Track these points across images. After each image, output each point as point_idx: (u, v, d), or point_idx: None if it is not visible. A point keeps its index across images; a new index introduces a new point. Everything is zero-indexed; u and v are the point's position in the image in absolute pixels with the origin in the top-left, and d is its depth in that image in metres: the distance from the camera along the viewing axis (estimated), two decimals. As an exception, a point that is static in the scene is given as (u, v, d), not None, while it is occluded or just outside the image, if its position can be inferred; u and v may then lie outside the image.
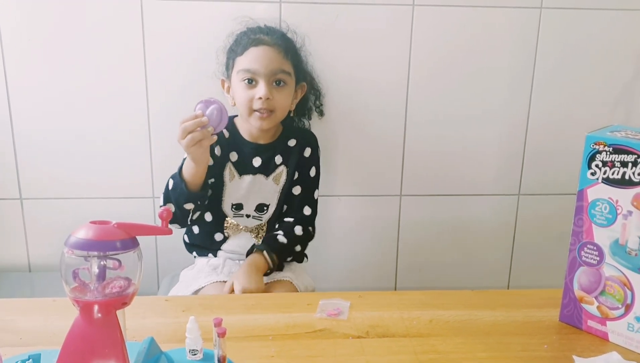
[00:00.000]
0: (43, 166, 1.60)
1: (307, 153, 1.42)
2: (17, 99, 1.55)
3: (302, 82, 1.42)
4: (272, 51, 1.32)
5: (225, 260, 1.39)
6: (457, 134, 1.67)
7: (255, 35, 1.36)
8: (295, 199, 1.41)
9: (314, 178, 1.44)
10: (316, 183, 1.45)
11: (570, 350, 0.91)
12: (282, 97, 1.33)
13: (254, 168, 1.37)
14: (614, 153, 0.89)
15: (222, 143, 1.36)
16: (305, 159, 1.42)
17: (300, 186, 1.41)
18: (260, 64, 1.30)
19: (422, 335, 0.95)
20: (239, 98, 1.34)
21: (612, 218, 0.91)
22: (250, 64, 1.31)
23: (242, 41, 1.36)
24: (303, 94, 1.44)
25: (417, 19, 1.57)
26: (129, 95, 1.57)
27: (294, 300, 1.08)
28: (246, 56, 1.33)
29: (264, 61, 1.31)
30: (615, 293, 0.93)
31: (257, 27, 1.40)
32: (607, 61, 1.65)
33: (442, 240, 1.76)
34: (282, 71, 1.32)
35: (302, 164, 1.41)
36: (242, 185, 1.38)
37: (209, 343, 0.82)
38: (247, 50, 1.33)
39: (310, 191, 1.43)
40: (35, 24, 1.50)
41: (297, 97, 1.42)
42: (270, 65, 1.31)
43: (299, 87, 1.41)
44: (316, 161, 1.45)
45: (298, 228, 1.38)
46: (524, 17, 1.60)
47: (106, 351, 0.69)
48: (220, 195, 1.37)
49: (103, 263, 0.69)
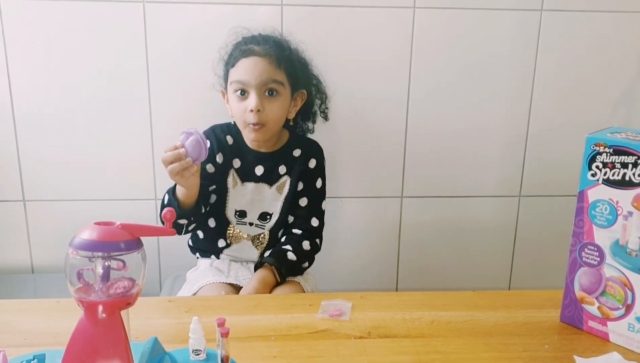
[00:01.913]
0: (46, 168, 1.60)
1: (312, 164, 1.40)
2: (20, 101, 1.56)
3: (300, 89, 1.40)
4: (262, 61, 1.30)
5: (229, 263, 1.39)
6: (458, 135, 1.68)
7: (246, 45, 1.34)
8: (302, 211, 1.40)
9: (320, 189, 1.43)
10: (323, 194, 1.44)
11: (571, 351, 0.91)
12: (274, 108, 1.31)
13: (257, 176, 1.37)
14: (614, 154, 0.90)
15: (225, 150, 1.36)
16: (310, 171, 1.40)
17: (307, 197, 1.40)
18: (251, 75, 1.29)
19: (424, 336, 0.95)
20: (233, 110, 1.34)
21: (612, 219, 0.91)
22: (241, 75, 1.30)
23: (234, 53, 1.36)
24: (304, 101, 1.42)
25: (418, 21, 1.58)
26: (131, 97, 1.58)
27: (296, 300, 1.08)
28: (237, 67, 1.32)
29: (255, 71, 1.29)
30: (615, 294, 0.93)
31: (250, 37, 1.38)
32: (607, 62, 1.66)
33: (443, 241, 1.77)
34: (274, 81, 1.30)
35: (307, 176, 1.40)
36: (245, 192, 1.37)
37: (212, 344, 0.83)
38: (238, 61, 1.32)
39: (317, 202, 1.42)
40: (38, 27, 1.51)
41: (297, 105, 1.40)
42: (261, 76, 1.29)
43: (297, 95, 1.39)
44: (321, 171, 1.43)
45: (306, 243, 1.37)
46: (524, 19, 1.61)
47: (110, 351, 0.69)
48: (224, 201, 1.38)
49: (107, 263, 0.69)
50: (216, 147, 1.36)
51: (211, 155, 1.34)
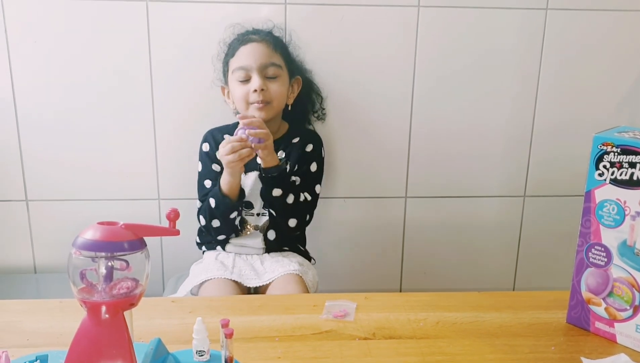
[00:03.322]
0: (48, 168, 1.60)
1: (308, 148, 1.45)
2: (23, 100, 1.56)
3: (296, 75, 1.47)
4: (260, 45, 1.40)
5: (234, 258, 1.40)
6: (462, 134, 1.67)
7: (243, 36, 1.43)
8: (295, 187, 1.41)
9: (314, 173, 1.45)
10: (317, 178, 1.46)
11: (578, 352, 0.91)
12: (276, 87, 1.39)
13: (258, 165, 1.38)
14: (621, 154, 0.89)
15: None
16: (306, 154, 1.45)
17: (300, 177, 1.43)
18: (252, 59, 1.38)
19: (429, 337, 0.94)
20: (236, 96, 1.40)
21: (619, 219, 0.90)
22: (242, 61, 1.39)
23: (233, 44, 1.44)
24: (300, 87, 1.49)
25: (423, 20, 1.57)
26: (134, 97, 1.57)
27: (300, 301, 1.07)
28: (237, 55, 1.40)
29: (255, 55, 1.38)
30: (623, 295, 0.92)
31: (245, 30, 1.47)
32: (613, 61, 1.65)
33: (448, 241, 1.76)
34: (273, 64, 1.39)
35: (303, 159, 1.44)
36: (248, 182, 1.41)
37: (215, 344, 0.82)
38: (237, 50, 1.41)
39: (310, 182, 1.45)
40: (41, 27, 1.51)
41: (294, 92, 1.48)
42: (261, 58, 1.38)
43: (294, 80, 1.46)
44: (318, 157, 1.47)
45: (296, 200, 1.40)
46: (529, 18, 1.60)
47: (113, 352, 0.69)
48: None
49: (110, 264, 0.69)
50: (215, 147, 1.41)
51: (212, 156, 1.43)
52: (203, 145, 1.46)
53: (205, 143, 1.46)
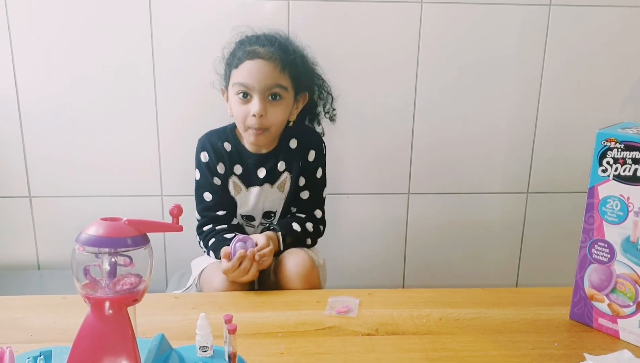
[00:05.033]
0: (51, 164, 1.60)
1: (311, 157, 1.38)
2: (26, 97, 1.56)
3: (303, 92, 1.37)
4: (267, 65, 1.27)
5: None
6: (465, 131, 1.67)
7: (251, 46, 1.30)
8: (304, 204, 1.39)
9: (320, 178, 1.41)
10: (324, 182, 1.43)
11: (581, 348, 0.91)
12: (277, 112, 1.29)
13: (260, 179, 1.35)
14: (625, 150, 0.89)
15: (224, 159, 1.34)
16: (310, 164, 1.38)
17: (309, 190, 1.39)
18: (255, 79, 1.26)
19: (432, 333, 0.95)
20: (235, 112, 1.31)
21: (623, 215, 0.90)
22: (245, 78, 1.27)
23: (238, 53, 1.31)
24: (305, 102, 1.39)
25: (426, 16, 1.57)
26: (137, 93, 1.57)
27: (303, 297, 1.08)
28: (241, 69, 1.28)
29: (259, 75, 1.26)
30: (626, 291, 0.92)
31: (255, 37, 1.34)
32: (616, 57, 1.65)
33: (450, 237, 1.76)
34: (278, 86, 1.27)
35: (308, 169, 1.38)
36: (250, 197, 1.36)
37: (219, 340, 0.83)
38: (242, 63, 1.29)
39: (318, 192, 1.41)
40: (43, 23, 1.51)
41: (298, 107, 1.37)
42: (265, 80, 1.26)
43: (300, 97, 1.36)
44: (321, 161, 1.40)
45: (309, 224, 1.37)
46: (533, 14, 1.59)
47: (117, 347, 0.69)
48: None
49: (114, 259, 0.69)
50: (215, 158, 1.33)
51: (213, 169, 1.34)
52: (201, 154, 1.36)
53: (203, 152, 1.36)
